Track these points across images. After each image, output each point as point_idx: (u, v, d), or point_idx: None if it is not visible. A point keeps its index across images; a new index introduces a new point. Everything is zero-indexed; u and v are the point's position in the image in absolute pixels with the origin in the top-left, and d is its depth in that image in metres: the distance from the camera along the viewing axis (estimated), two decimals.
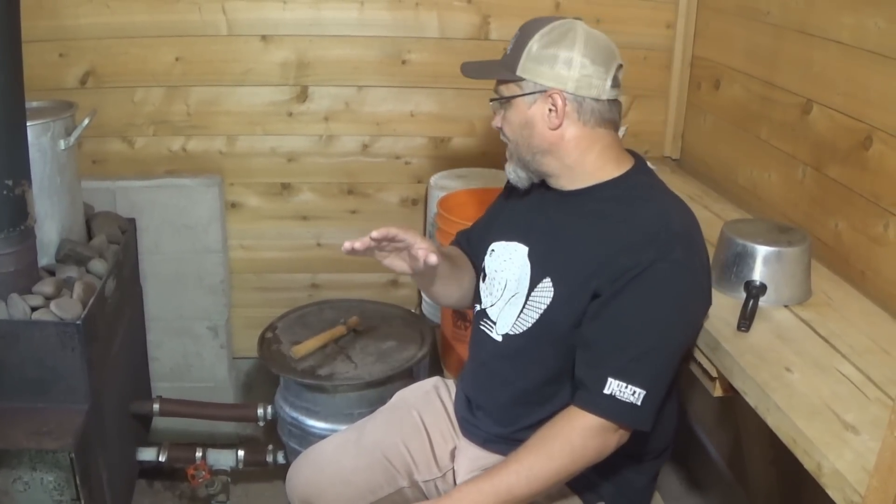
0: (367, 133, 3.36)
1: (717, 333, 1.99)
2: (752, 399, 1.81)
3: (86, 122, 2.61)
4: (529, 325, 1.92)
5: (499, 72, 1.92)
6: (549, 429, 1.79)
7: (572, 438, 1.75)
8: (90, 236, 2.82)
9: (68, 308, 2.34)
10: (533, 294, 1.91)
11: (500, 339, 2.00)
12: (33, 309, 2.33)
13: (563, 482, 1.84)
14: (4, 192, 2.24)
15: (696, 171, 3.23)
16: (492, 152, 3.34)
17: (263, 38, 3.19)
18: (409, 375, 2.70)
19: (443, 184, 3.17)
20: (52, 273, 2.52)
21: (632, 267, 1.74)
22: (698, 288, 1.83)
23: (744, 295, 2.10)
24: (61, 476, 2.45)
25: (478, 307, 2.10)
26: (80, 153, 2.75)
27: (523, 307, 1.94)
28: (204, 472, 2.93)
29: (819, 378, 1.81)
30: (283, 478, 3.13)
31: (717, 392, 2.02)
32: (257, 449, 3.08)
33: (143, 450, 3.00)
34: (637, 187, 1.88)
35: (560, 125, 1.85)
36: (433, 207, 3.14)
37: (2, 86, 2.17)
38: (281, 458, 3.01)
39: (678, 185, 3.05)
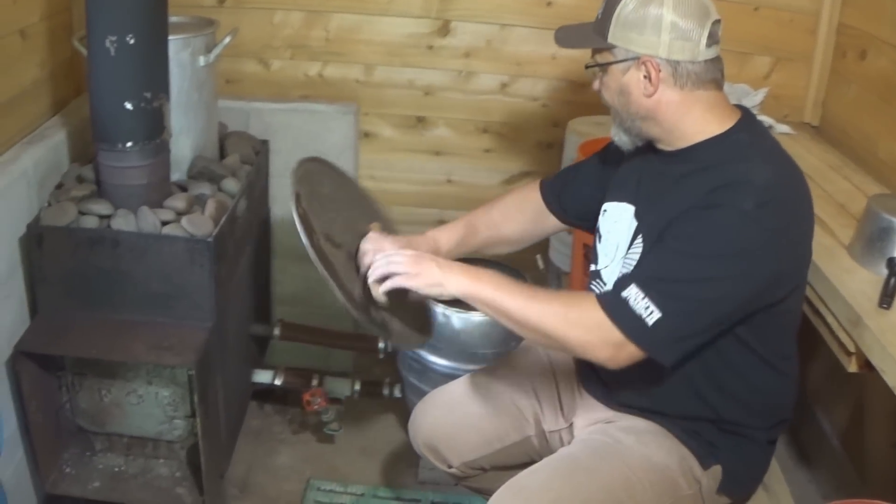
0: (506, 72, 3.28)
1: (860, 308, 1.93)
2: (890, 378, 1.75)
3: (227, 39, 2.60)
4: None
5: (590, 40, 1.85)
6: (567, 294, 1.83)
7: (570, 311, 1.73)
8: (223, 155, 2.82)
9: (200, 224, 2.34)
10: (629, 252, 1.89)
11: None
12: (164, 223, 2.34)
13: (535, 342, 1.89)
14: (142, 105, 2.25)
15: (834, 139, 3.08)
16: None
17: None
18: None
19: (581, 129, 3.08)
20: (183, 189, 2.53)
21: (701, 203, 1.69)
22: (765, 246, 1.66)
23: (885, 272, 2.02)
24: (177, 392, 2.48)
25: (593, 267, 2.05)
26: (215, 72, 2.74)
27: (622, 266, 1.91)
28: (320, 399, 2.94)
29: None
30: (396, 412, 3.18)
31: (853, 367, 1.96)
32: (373, 380, 3.07)
33: (258, 372, 3.02)
34: (736, 145, 1.77)
35: (655, 92, 1.77)
36: (569, 152, 3.07)
37: None
38: (397, 392, 3.01)
39: (816, 152, 2.93)
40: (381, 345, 2.97)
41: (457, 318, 2.66)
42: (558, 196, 2.19)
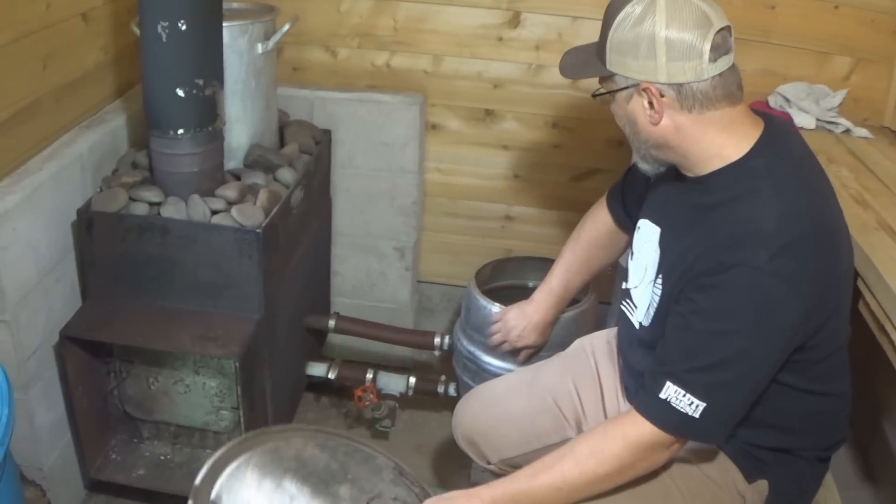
0: None
1: None
2: None
3: (286, 27, 2.56)
4: (652, 320, 1.83)
5: (591, 67, 1.74)
6: (600, 441, 1.70)
7: (622, 455, 1.67)
8: (282, 144, 2.79)
9: (250, 215, 2.31)
10: (654, 288, 1.81)
11: (637, 326, 1.90)
12: (213, 212, 2.32)
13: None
14: (194, 92, 2.23)
15: None
16: None
17: None
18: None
19: None
20: (237, 178, 2.50)
21: (712, 268, 1.59)
22: (788, 294, 1.55)
23: None
24: (224, 383, 2.46)
25: (624, 285, 1.98)
26: (280, 60, 2.71)
27: (651, 298, 1.83)
28: (371, 395, 2.90)
29: None
30: (452, 410, 3.12)
31: None
32: (429, 377, 3.03)
33: (313, 364, 2.98)
34: (749, 176, 1.64)
35: (661, 119, 1.65)
36: None
37: None
38: (452, 391, 2.96)
39: (894, 158, 2.77)
40: (436, 340, 2.92)
41: None
42: (624, 206, 2.16)
